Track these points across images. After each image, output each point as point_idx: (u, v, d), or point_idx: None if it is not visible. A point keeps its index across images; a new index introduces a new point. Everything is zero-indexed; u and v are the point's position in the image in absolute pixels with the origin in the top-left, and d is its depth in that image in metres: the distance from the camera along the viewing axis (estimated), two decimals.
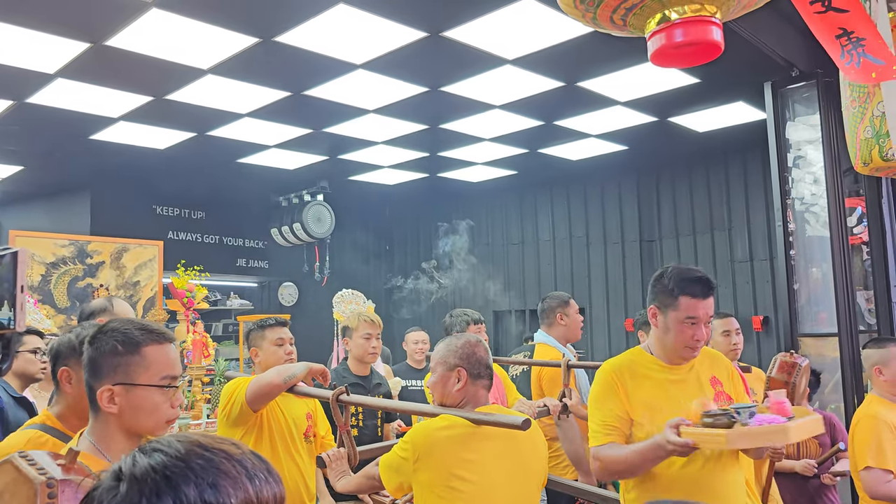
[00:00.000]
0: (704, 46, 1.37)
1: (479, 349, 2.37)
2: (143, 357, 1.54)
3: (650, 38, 1.36)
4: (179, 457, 0.82)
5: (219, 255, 8.97)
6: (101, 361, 1.54)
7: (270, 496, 0.86)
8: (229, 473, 0.82)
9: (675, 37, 1.33)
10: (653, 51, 1.39)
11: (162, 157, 6.89)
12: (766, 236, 7.01)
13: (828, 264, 4.73)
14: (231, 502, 0.81)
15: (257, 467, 0.86)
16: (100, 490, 0.82)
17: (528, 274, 8.82)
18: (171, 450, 0.83)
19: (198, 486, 0.80)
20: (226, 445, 0.86)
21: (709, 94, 5.59)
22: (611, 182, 8.15)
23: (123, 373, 1.53)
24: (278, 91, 5.25)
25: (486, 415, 2.23)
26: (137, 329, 1.58)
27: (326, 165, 7.63)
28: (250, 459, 0.86)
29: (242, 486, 0.83)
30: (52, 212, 8.21)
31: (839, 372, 4.55)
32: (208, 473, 0.81)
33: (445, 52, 4.60)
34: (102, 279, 6.48)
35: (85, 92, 5.09)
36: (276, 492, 0.87)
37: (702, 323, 2.24)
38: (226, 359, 7.07)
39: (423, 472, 2.21)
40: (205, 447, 0.84)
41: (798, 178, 4.92)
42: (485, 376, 2.36)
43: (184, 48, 4.43)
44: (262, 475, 0.86)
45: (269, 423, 3.00)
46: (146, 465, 0.81)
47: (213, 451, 0.84)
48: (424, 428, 2.28)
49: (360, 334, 3.65)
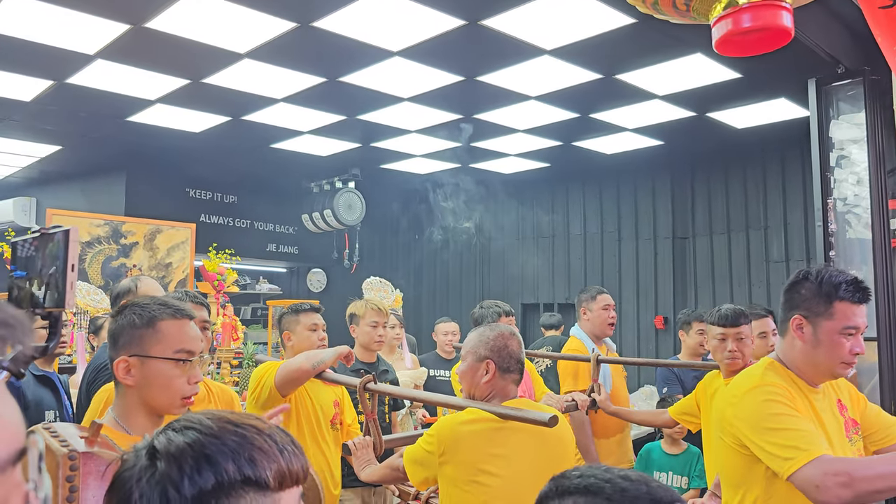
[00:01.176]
0: (774, 32, 1.30)
1: (511, 342, 2.33)
2: (158, 330, 1.59)
3: (715, 24, 1.30)
4: (213, 433, 0.85)
5: (250, 239, 9.04)
6: (119, 334, 1.60)
7: (299, 467, 0.89)
8: (262, 447, 0.86)
9: (742, 22, 1.26)
10: (718, 37, 1.33)
11: (197, 140, 6.94)
12: (804, 236, 6.87)
13: (868, 267, 4.61)
14: (267, 475, 0.84)
15: (285, 441, 0.89)
16: (135, 469, 0.84)
17: (557, 268, 8.75)
18: (204, 427, 0.85)
19: (236, 462, 0.83)
20: (253, 421, 0.89)
21: (750, 89, 5.47)
22: (645, 177, 8.04)
23: (138, 345, 1.58)
24: (314, 77, 5.24)
25: (513, 409, 2.19)
26: (157, 304, 1.64)
27: (359, 153, 7.63)
28: (278, 434, 0.89)
29: (275, 459, 0.86)
30: (88, 192, 8.33)
31: (877, 376, 4.44)
32: (244, 449, 0.84)
33: (483, 40, 4.55)
34: (136, 259, 6.55)
35: (123, 73, 5.13)
36: (303, 463, 0.91)
37: (860, 334, 1.88)
38: (254, 342, 7.14)
39: (448, 467, 2.18)
40: (235, 424, 0.87)
41: (840, 179, 4.80)
42: (514, 370, 2.32)
43: (221, 31, 4.43)
44: (289, 448, 0.89)
45: (297, 408, 3.01)
46: (182, 443, 0.84)
47: (245, 427, 0.87)
48: (450, 422, 2.25)
49: (367, 322, 3.64)
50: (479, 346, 2.33)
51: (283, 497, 0.87)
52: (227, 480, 0.82)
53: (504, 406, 2.23)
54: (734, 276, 7.35)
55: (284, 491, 0.87)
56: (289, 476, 0.87)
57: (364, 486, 3.34)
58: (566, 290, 8.61)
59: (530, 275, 8.99)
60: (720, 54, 1.41)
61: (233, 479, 0.82)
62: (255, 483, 0.84)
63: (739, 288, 7.27)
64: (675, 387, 4.18)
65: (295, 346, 3.16)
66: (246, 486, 0.83)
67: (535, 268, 8.95)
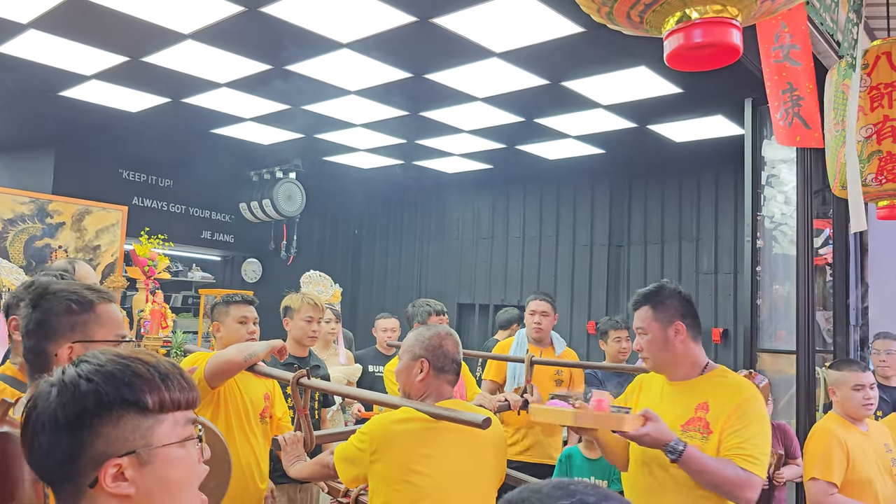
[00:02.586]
0: (723, 49, 1.35)
1: (447, 342, 2.33)
2: (98, 315, 1.58)
3: (667, 37, 1.33)
4: (101, 364, 0.99)
5: (184, 225, 8.79)
6: (54, 322, 1.53)
7: (181, 395, 1.02)
8: (143, 375, 0.99)
9: (694, 37, 1.30)
10: (669, 51, 1.36)
11: (133, 120, 6.71)
12: (733, 250, 7.11)
13: (791, 283, 4.79)
14: (146, 398, 0.98)
15: (171, 372, 1.02)
16: (36, 394, 0.99)
17: (495, 269, 8.82)
18: (95, 360, 1.00)
19: (115, 386, 0.97)
20: (144, 355, 1.03)
21: (690, 105, 5.63)
22: (584, 184, 8.18)
23: (81, 331, 1.54)
24: (259, 63, 5.14)
25: (447, 410, 2.19)
26: (85, 289, 1.61)
27: (301, 143, 7.52)
28: (164, 365, 1.02)
29: (155, 386, 0.99)
30: (12, 168, 7.95)
31: (794, 388, 4.63)
32: (125, 375, 0.98)
33: (433, 38, 4.55)
34: (62, 240, 6.30)
35: (58, 46, 4.92)
36: (189, 395, 1.03)
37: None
38: (184, 331, 6.95)
39: (379, 465, 2.17)
40: (123, 357, 1.01)
41: (770, 197, 4.99)
42: (449, 370, 2.32)
43: (165, 9, 4.30)
44: (175, 379, 1.02)
45: (226, 400, 2.95)
46: (73, 373, 0.98)
47: (130, 359, 1.01)
48: (383, 420, 2.24)
49: (302, 316, 3.59)
50: (415, 345, 2.33)
51: (165, 419, 1.00)
52: (105, 401, 0.96)
53: (438, 406, 2.23)
54: None
55: (166, 414, 1.00)
56: (170, 401, 1.00)
57: (291, 483, 3.29)
58: (503, 292, 8.69)
59: (468, 275, 9.04)
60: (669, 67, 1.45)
61: (112, 400, 0.96)
62: (133, 404, 0.97)
63: None
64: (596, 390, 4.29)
65: (223, 338, 3.10)
66: (125, 407, 0.97)
67: (473, 268, 9.01)
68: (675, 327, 2.29)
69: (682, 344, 2.30)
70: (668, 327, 2.30)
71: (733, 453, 2.10)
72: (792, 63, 3.06)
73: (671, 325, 2.30)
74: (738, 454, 2.10)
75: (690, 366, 2.32)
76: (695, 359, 2.33)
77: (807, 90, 3.11)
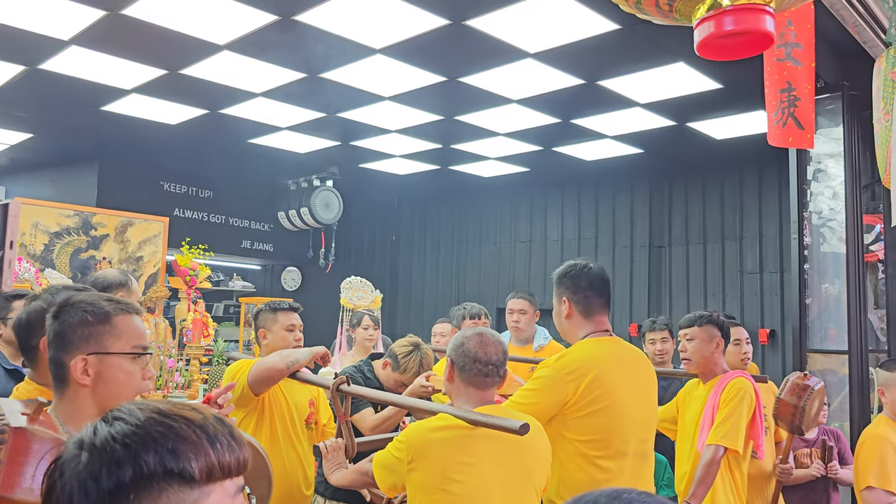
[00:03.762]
0: (756, 37, 1.29)
1: (470, 342, 2.24)
2: (115, 327, 1.54)
3: (697, 25, 1.28)
4: (139, 425, 0.83)
5: (224, 235, 8.91)
6: (70, 334, 1.51)
7: (233, 459, 0.86)
8: (189, 439, 0.83)
9: (724, 25, 1.24)
10: (699, 40, 1.31)
11: (172, 132, 6.82)
12: (778, 249, 6.92)
13: (841, 281, 4.64)
14: (192, 466, 0.82)
15: (219, 431, 0.86)
16: (63, 459, 0.83)
17: (534, 273, 8.74)
18: (132, 418, 0.84)
19: (157, 453, 0.81)
20: (186, 411, 0.86)
21: (730, 100, 5.50)
22: (623, 185, 8.06)
23: (95, 342, 1.51)
24: (294, 72, 5.18)
25: (483, 416, 2.12)
26: (104, 300, 1.58)
27: (337, 151, 7.56)
28: (212, 424, 0.86)
29: (203, 451, 0.83)
30: (59, 181, 8.17)
31: (846, 389, 4.48)
32: (167, 440, 0.82)
33: (466, 41, 4.52)
34: (105, 252, 6.42)
35: (99, 61, 5.02)
36: (240, 456, 0.87)
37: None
38: (225, 340, 7.02)
39: (417, 474, 2.13)
40: (164, 414, 0.85)
41: (817, 192, 4.83)
42: (471, 370, 2.21)
43: (200, 21, 4.35)
44: (224, 440, 0.86)
45: (271, 407, 2.95)
46: (106, 434, 0.82)
47: (173, 418, 0.84)
48: (420, 428, 2.20)
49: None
50: (449, 347, 2.31)
51: (214, 490, 0.84)
52: (146, 472, 0.80)
53: (475, 412, 2.17)
54: (709, 286, 7.39)
55: (214, 484, 0.84)
56: (219, 468, 0.84)
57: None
58: (542, 296, 8.60)
59: (506, 279, 8.97)
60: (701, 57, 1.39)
61: (153, 471, 0.80)
62: (178, 475, 0.81)
63: (714, 298, 7.31)
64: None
65: (270, 344, 3.08)
66: (168, 479, 0.81)
67: (512, 272, 8.94)
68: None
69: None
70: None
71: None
72: (793, 62, 2.98)
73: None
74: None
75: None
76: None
77: (805, 90, 3.04)
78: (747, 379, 3.01)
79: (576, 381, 2.34)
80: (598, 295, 2.52)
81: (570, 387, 2.34)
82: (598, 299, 2.52)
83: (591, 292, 2.51)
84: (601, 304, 2.53)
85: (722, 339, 3.08)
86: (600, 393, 2.34)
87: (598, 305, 2.52)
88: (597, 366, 2.37)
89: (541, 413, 2.34)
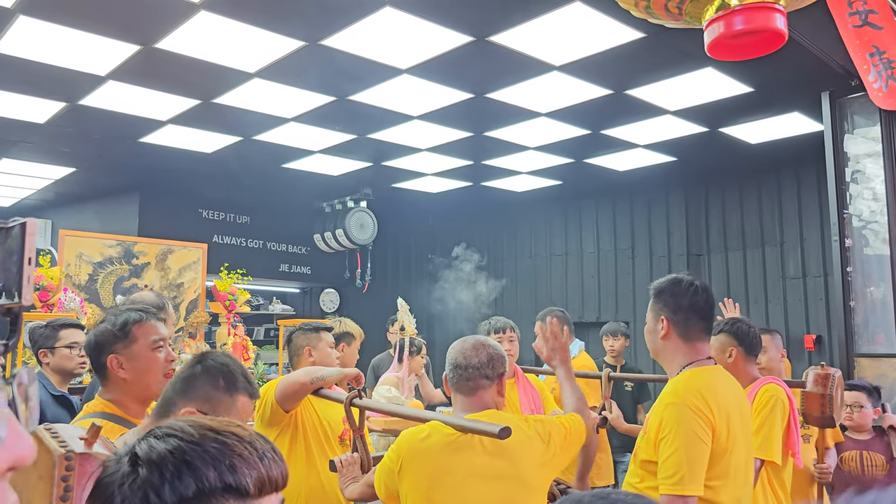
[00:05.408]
0: (767, 36, 1.27)
1: (451, 351, 2.30)
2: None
3: (707, 26, 1.26)
4: (195, 441, 0.85)
5: (262, 259, 9.05)
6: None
7: (278, 473, 0.90)
8: (242, 454, 0.86)
9: (734, 24, 1.23)
10: (710, 41, 1.30)
11: (208, 160, 6.97)
12: (821, 253, 6.77)
13: (887, 284, 4.52)
14: (247, 482, 0.85)
15: (265, 447, 0.90)
16: (116, 475, 0.85)
17: (571, 287, 8.67)
18: (185, 434, 0.86)
19: (216, 469, 0.84)
20: (234, 428, 0.90)
21: (763, 104, 5.41)
22: (658, 194, 7.98)
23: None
24: (323, 95, 5.26)
25: (466, 421, 2.13)
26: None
27: (370, 172, 7.64)
28: (258, 441, 0.90)
29: (255, 466, 0.87)
30: (102, 213, 8.39)
31: None
32: (225, 456, 0.85)
33: (491, 57, 4.54)
34: (147, 280, 6.56)
35: (134, 94, 5.17)
36: (283, 469, 0.92)
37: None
38: (266, 363, 7.10)
39: (405, 481, 2.15)
40: (217, 431, 0.88)
41: (856, 194, 4.73)
42: (455, 378, 2.25)
43: (230, 51, 4.45)
44: (269, 455, 0.90)
45: (304, 423, 3.00)
46: (163, 450, 0.84)
47: (226, 435, 0.88)
48: (410, 436, 2.23)
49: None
50: None
51: (262, 503, 0.88)
52: (207, 487, 0.83)
53: (459, 418, 2.18)
54: (750, 293, 7.25)
55: (264, 497, 0.88)
56: (268, 483, 0.88)
57: None
58: (580, 310, 8.53)
59: (543, 293, 8.91)
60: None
61: (213, 486, 0.83)
62: (235, 490, 0.84)
63: (756, 305, 7.16)
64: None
65: (317, 361, 3.21)
66: (226, 494, 0.84)
67: (549, 286, 8.88)
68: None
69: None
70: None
71: None
72: (873, 27, 2.87)
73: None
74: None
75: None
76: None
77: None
78: (778, 384, 2.93)
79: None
80: (699, 318, 2.27)
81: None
82: (700, 323, 2.28)
83: (692, 314, 2.26)
84: (701, 328, 2.29)
85: (737, 348, 3.00)
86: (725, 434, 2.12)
87: (698, 330, 2.28)
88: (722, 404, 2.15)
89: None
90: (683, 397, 2.10)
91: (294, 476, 2.93)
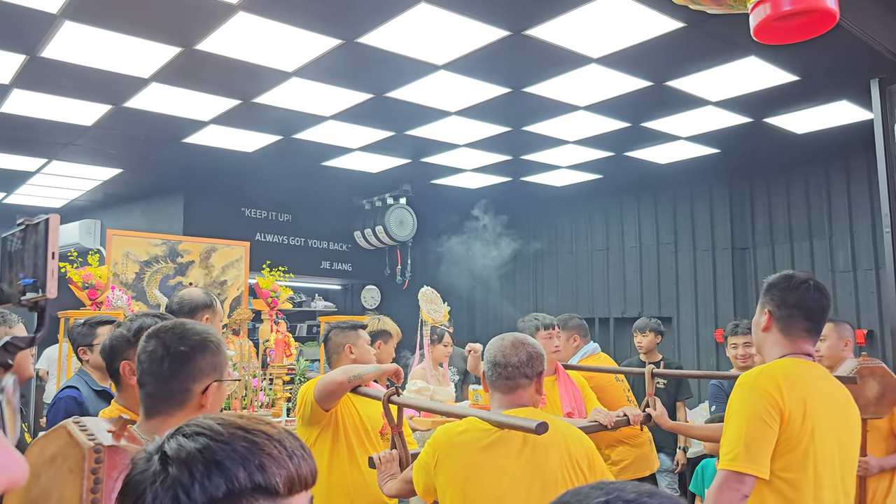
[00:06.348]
0: (816, 16, 1.21)
1: (491, 348, 2.30)
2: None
3: (753, 9, 1.21)
4: (224, 439, 0.84)
5: (304, 256, 9.15)
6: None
7: (308, 472, 0.89)
8: (272, 454, 0.85)
9: (782, 5, 1.17)
10: (756, 24, 1.24)
11: (250, 160, 7.07)
12: (872, 244, 6.56)
13: None
14: (277, 481, 0.84)
15: (294, 446, 0.89)
16: (147, 473, 0.84)
17: (612, 282, 8.58)
18: (214, 433, 0.85)
19: (246, 468, 0.83)
20: (263, 426, 0.89)
21: (809, 92, 5.26)
22: (701, 186, 7.83)
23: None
24: (361, 93, 5.28)
25: (502, 416, 2.13)
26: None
27: (409, 168, 7.65)
28: (287, 438, 0.89)
29: (285, 465, 0.86)
30: (148, 213, 8.59)
31: None
32: (254, 455, 0.84)
33: (528, 51, 4.50)
34: (191, 278, 6.69)
35: (177, 96, 5.26)
36: (312, 467, 0.90)
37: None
38: (308, 359, 7.17)
39: (441, 476, 2.16)
40: (246, 429, 0.87)
41: None
42: (494, 376, 2.26)
43: (268, 51, 4.50)
44: (299, 453, 0.89)
45: (344, 420, 3.04)
46: (192, 449, 0.83)
47: (255, 433, 0.86)
48: (446, 430, 2.23)
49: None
50: None
51: (292, 502, 0.86)
52: (237, 487, 0.81)
53: (495, 413, 2.19)
54: None
55: (294, 496, 0.87)
56: (298, 481, 0.87)
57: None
58: (622, 305, 8.43)
59: (584, 289, 8.83)
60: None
61: (243, 486, 0.82)
62: (265, 490, 0.83)
63: None
64: (723, 405, 4.05)
65: (357, 358, 3.25)
66: (256, 493, 0.83)
67: (590, 281, 8.80)
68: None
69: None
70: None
71: None
72: None
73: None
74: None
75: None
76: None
77: None
78: None
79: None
80: (804, 318, 2.20)
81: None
82: (803, 323, 2.20)
83: (797, 311, 2.20)
84: (804, 328, 2.21)
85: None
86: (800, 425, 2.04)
87: (800, 329, 2.20)
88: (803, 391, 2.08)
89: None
90: (755, 379, 2.09)
91: (338, 473, 2.97)
